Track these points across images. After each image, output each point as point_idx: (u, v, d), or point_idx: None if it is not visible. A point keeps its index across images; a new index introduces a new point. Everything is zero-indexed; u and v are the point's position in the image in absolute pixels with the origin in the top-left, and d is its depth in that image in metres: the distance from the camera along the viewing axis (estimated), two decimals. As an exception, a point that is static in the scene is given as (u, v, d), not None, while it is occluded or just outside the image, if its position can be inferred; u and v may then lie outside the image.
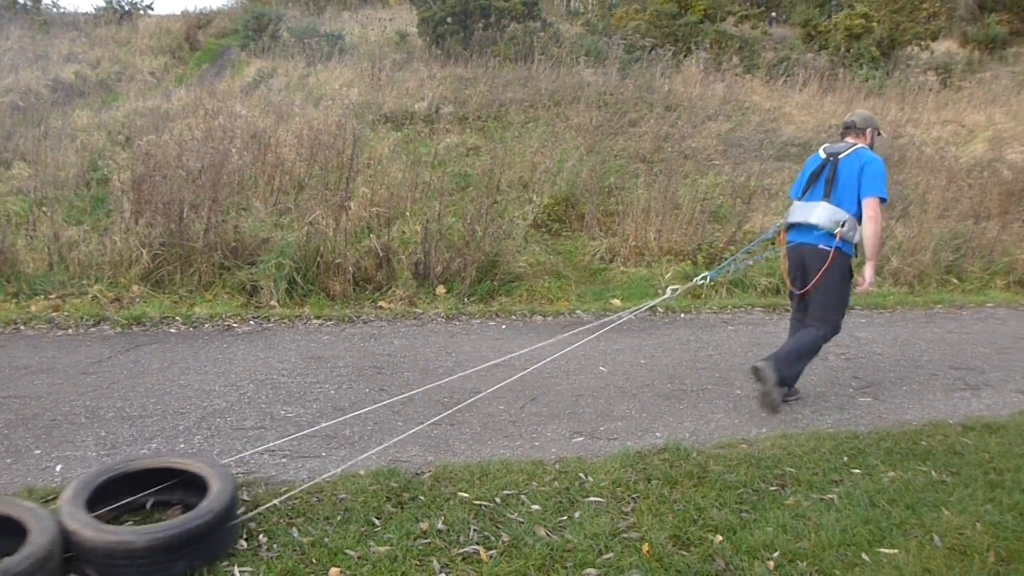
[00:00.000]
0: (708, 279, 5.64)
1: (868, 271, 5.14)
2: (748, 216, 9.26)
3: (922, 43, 23.28)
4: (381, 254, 7.43)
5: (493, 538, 3.50)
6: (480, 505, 3.75)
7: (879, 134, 5.36)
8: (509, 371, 5.12)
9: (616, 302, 7.53)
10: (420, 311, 6.92)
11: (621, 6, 27.80)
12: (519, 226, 8.68)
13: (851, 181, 4.99)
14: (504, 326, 6.72)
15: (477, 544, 3.45)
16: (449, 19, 18.37)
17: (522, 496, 3.87)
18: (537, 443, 4.54)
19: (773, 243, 6.17)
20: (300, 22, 22.63)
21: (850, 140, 5.21)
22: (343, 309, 6.84)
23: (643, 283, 8.02)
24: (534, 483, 4.01)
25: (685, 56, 18.04)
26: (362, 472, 4.00)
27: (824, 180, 5.07)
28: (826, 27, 22.59)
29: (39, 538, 2.98)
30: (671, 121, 13.10)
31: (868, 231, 4.98)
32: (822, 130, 13.86)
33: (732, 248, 8.68)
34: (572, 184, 9.81)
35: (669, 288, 5.69)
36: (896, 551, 3.63)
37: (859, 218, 5.03)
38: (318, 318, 6.59)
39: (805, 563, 3.49)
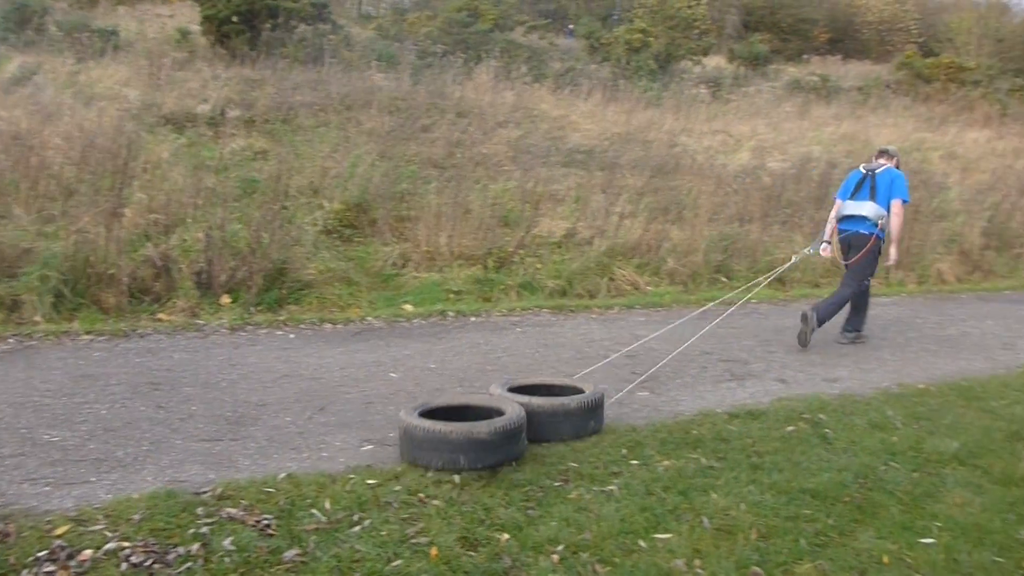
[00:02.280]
0: (810, 252, 7.95)
1: (893, 251, 7.39)
2: (536, 220, 9.55)
3: (695, 58, 25.02)
4: (159, 263, 7.06)
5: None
6: (267, 521, 3.64)
7: (898, 167, 7.45)
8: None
9: (408, 307, 7.54)
10: (203, 322, 6.62)
11: (413, 12, 27.92)
12: (309, 232, 8.50)
13: (885, 189, 7.15)
14: (293, 335, 6.56)
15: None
16: (235, 18, 17.67)
17: (312, 509, 3.79)
18: (326, 453, 4.47)
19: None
20: (70, 15, 21.03)
21: (882, 161, 7.39)
22: (117, 323, 6.42)
23: (435, 288, 8.08)
24: (323, 494, 3.94)
25: (476, 64, 18.35)
26: (135, 496, 3.78)
27: (868, 188, 7.20)
28: (608, 39, 23.72)
29: (514, 410, 4.38)
30: (463, 127, 13.27)
31: (894, 223, 7.19)
32: (605, 138, 14.52)
33: (521, 252, 8.92)
34: (364, 189, 9.71)
35: (802, 252, 8.15)
36: (670, 535, 3.85)
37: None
38: (89, 333, 6.14)
39: (587, 553, 3.63)
